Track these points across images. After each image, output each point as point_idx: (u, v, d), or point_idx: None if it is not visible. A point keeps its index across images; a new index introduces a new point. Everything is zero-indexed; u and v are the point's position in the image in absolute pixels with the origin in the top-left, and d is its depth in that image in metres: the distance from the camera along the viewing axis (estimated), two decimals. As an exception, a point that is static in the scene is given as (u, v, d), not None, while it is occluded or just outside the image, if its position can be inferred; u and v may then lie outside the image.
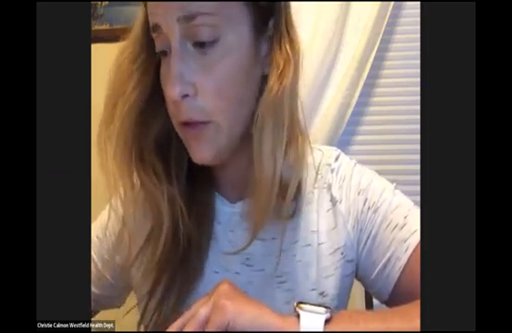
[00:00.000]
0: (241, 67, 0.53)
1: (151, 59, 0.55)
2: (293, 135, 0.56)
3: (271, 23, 0.54)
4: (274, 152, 0.53)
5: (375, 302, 0.87)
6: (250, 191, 0.57)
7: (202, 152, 0.54)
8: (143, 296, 0.59)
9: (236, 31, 0.52)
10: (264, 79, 0.55)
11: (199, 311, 0.46)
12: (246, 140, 0.55)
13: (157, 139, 0.58)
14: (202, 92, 0.52)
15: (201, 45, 0.51)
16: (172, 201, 0.57)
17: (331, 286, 0.60)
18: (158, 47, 0.54)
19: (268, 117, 0.52)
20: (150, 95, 0.56)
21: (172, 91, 0.51)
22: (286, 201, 0.56)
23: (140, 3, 0.56)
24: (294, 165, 0.57)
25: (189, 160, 0.58)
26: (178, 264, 0.58)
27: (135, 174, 0.57)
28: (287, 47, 0.54)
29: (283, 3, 0.55)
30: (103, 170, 0.56)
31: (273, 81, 0.52)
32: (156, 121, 0.57)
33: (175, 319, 0.48)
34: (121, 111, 0.54)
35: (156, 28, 0.53)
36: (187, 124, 0.54)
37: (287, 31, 0.55)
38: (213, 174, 0.61)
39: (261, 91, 0.54)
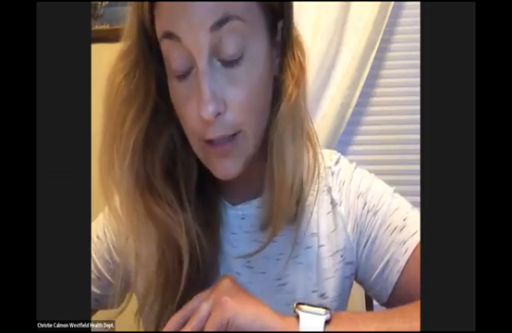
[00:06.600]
0: (263, 76, 0.51)
1: (150, 75, 0.52)
2: (307, 138, 0.56)
3: (279, 26, 0.53)
4: (295, 155, 0.52)
5: (375, 303, 0.87)
6: (253, 193, 0.56)
7: (230, 168, 0.52)
8: (151, 308, 0.56)
9: (257, 40, 0.50)
10: (274, 80, 0.54)
11: (200, 307, 0.46)
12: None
13: (163, 161, 0.54)
14: (232, 107, 0.49)
15: (228, 61, 0.49)
16: (188, 228, 0.54)
17: (331, 288, 0.60)
18: (178, 68, 0.49)
19: (288, 123, 0.52)
20: (152, 118, 0.52)
21: (206, 111, 0.47)
22: (299, 204, 0.56)
23: (134, 7, 0.49)
24: (308, 167, 0.57)
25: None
26: (199, 284, 0.55)
27: (144, 205, 0.53)
28: (298, 53, 0.53)
29: (290, 4, 0.54)
30: (109, 205, 0.53)
31: (291, 89, 0.52)
32: (161, 143, 0.54)
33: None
34: (124, 144, 0.51)
35: (171, 37, 0.48)
36: (211, 142, 0.51)
37: (295, 34, 0.54)
38: (218, 179, 0.60)
39: (273, 94, 0.54)
